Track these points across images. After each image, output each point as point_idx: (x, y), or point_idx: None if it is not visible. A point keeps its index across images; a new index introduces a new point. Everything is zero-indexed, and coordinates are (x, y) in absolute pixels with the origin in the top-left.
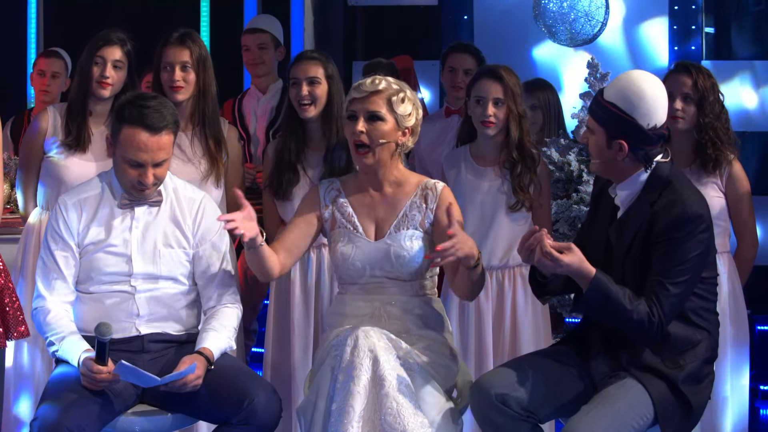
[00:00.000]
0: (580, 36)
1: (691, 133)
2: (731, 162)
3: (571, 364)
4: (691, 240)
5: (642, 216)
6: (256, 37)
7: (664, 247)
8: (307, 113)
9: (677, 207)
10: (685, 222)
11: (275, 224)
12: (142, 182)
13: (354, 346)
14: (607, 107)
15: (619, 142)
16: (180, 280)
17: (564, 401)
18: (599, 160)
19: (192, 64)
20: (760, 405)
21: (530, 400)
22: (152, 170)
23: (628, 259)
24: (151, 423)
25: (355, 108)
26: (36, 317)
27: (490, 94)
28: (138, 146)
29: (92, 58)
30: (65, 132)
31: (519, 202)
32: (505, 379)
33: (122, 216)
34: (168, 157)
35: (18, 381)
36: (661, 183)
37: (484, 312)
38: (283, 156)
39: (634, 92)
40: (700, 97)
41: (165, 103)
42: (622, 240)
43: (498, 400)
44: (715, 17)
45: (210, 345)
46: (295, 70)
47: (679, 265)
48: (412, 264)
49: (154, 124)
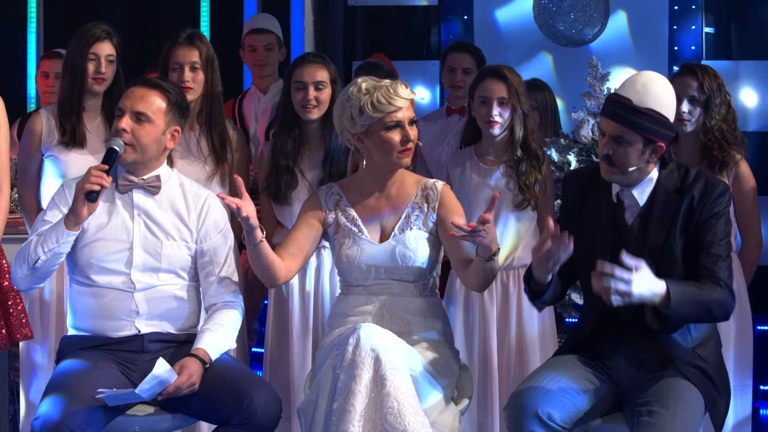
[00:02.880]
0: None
1: (697, 135)
2: (738, 162)
3: (591, 369)
4: (727, 213)
5: (672, 203)
6: (264, 38)
7: (710, 224)
8: (310, 115)
9: (709, 185)
10: (721, 196)
11: (273, 226)
12: (117, 127)
13: (356, 345)
14: (645, 113)
15: (658, 144)
16: (180, 275)
17: (591, 407)
18: (634, 167)
19: (201, 65)
20: (760, 405)
21: (568, 413)
22: (130, 120)
23: (666, 248)
24: (151, 423)
25: (400, 117)
26: (17, 254)
27: (494, 94)
28: (125, 95)
29: (85, 55)
30: (60, 131)
31: (525, 200)
32: (546, 396)
33: (124, 205)
34: (153, 119)
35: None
36: (677, 168)
37: (488, 313)
38: (279, 160)
39: (664, 93)
40: (706, 98)
41: (176, 85)
42: (656, 231)
43: (545, 416)
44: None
45: (205, 345)
46: (300, 73)
47: (724, 238)
48: (417, 264)
49: (149, 81)
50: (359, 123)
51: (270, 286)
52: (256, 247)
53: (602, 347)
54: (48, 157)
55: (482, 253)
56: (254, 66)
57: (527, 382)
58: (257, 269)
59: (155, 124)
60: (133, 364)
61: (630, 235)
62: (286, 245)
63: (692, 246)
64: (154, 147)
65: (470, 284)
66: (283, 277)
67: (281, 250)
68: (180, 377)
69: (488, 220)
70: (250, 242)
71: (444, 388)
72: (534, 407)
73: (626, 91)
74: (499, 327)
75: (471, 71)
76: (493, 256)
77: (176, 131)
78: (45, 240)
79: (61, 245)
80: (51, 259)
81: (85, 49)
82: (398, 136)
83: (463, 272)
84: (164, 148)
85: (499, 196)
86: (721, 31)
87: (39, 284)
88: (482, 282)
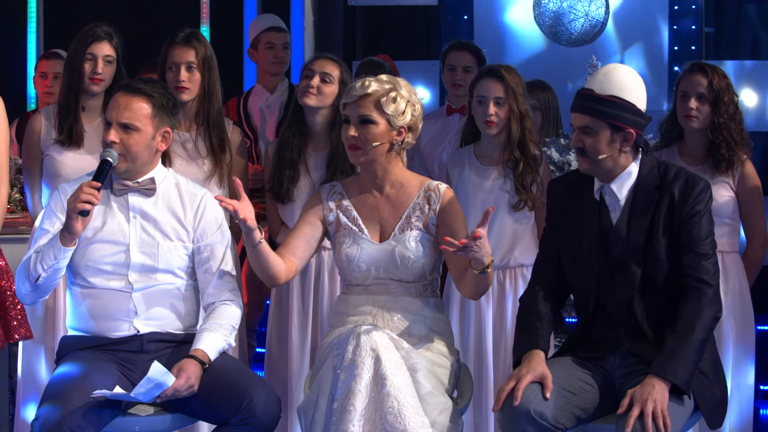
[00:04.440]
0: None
1: (704, 133)
2: (744, 162)
3: (586, 369)
4: (709, 211)
5: (651, 201)
6: (282, 36)
7: (693, 223)
8: (307, 99)
9: (689, 182)
10: (702, 193)
11: (277, 227)
12: (106, 141)
13: (356, 345)
14: (607, 99)
15: (627, 131)
16: (177, 274)
17: (587, 407)
18: (605, 155)
19: (197, 65)
20: (761, 405)
21: (562, 413)
22: (117, 131)
23: (649, 247)
24: (151, 423)
25: (347, 113)
26: (19, 270)
27: (491, 94)
28: (110, 105)
29: (83, 55)
30: (58, 129)
31: (522, 201)
32: (538, 396)
33: (120, 207)
34: (140, 127)
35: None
36: (657, 166)
37: (484, 312)
38: (283, 153)
39: (626, 79)
40: (715, 97)
41: (160, 85)
42: (638, 230)
43: (537, 415)
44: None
45: (204, 346)
46: (311, 63)
47: (708, 237)
48: (417, 265)
49: (132, 86)
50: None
51: (271, 285)
52: (255, 248)
53: (597, 347)
54: (45, 156)
55: (475, 266)
56: (271, 63)
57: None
58: (257, 269)
59: (143, 132)
60: (133, 365)
61: (614, 235)
62: (287, 244)
63: (676, 245)
64: (145, 153)
65: (464, 292)
66: (283, 276)
67: (282, 249)
68: (178, 380)
69: (480, 237)
70: (249, 243)
71: (444, 388)
72: (526, 406)
73: (589, 83)
74: (495, 326)
75: (471, 70)
76: (486, 268)
77: (167, 132)
78: (43, 257)
79: (60, 261)
80: (52, 276)
81: (83, 49)
82: (345, 131)
83: (458, 279)
84: (156, 151)
85: (493, 210)
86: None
87: (44, 297)
88: (476, 292)
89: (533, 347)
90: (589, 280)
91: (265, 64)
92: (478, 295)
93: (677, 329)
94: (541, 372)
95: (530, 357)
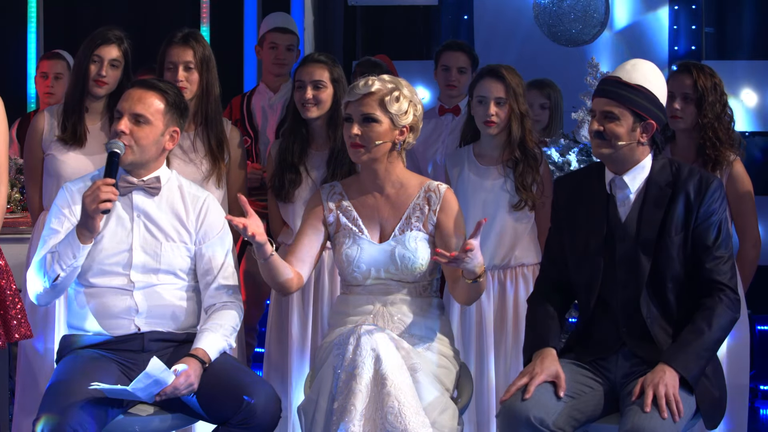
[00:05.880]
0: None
1: (692, 133)
2: (731, 163)
3: (587, 371)
4: (724, 208)
5: (664, 198)
6: (287, 38)
7: (711, 223)
8: (309, 113)
9: (703, 181)
10: (716, 191)
11: (279, 225)
12: (116, 130)
13: (356, 345)
14: (634, 87)
15: (648, 121)
16: (179, 276)
17: (587, 410)
18: (624, 142)
19: (195, 64)
20: (760, 405)
21: (562, 418)
22: (129, 122)
23: (661, 244)
24: (151, 423)
25: (350, 111)
26: (30, 272)
27: (491, 94)
28: (123, 97)
29: (90, 57)
30: (62, 128)
31: (522, 201)
32: (538, 402)
33: (124, 207)
34: (151, 120)
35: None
36: (669, 163)
37: (485, 312)
38: (285, 157)
39: (653, 72)
40: (699, 97)
41: (174, 86)
42: (649, 226)
43: (537, 422)
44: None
45: (204, 345)
46: (300, 72)
47: (725, 238)
48: (417, 265)
49: (147, 82)
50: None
51: (284, 295)
52: (267, 261)
53: (599, 346)
54: (46, 156)
55: (467, 275)
56: (273, 64)
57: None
58: (269, 280)
59: (154, 126)
60: (134, 363)
61: (623, 230)
62: (294, 251)
63: (693, 245)
64: (153, 148)
65: (457, 298)
66: (295, 286)
67: (290, 257)
68: (178, 378)
69: (471, 249)
70: (260, 256)
71: (444, 388)
72: (525, 413)
73: (616, 71)
74: (495, 326)
75: (465, 70)
76: (478, 278)
77: (175, 132)
78: (61, 257)
79: (78, 259)
80: (70, 275)
81: (90, 50)
82: (348, 130)
83: (452, 285)
84: (163, 149)
85: (485, 222)
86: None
87: (58, 297)
88: (468, 299)
89: (545, 345)
90: (594, 275)
91: (267, 63)
92: (470, 301)
93: (695, 323)
94: (555, 371)
95: (543, 355)
